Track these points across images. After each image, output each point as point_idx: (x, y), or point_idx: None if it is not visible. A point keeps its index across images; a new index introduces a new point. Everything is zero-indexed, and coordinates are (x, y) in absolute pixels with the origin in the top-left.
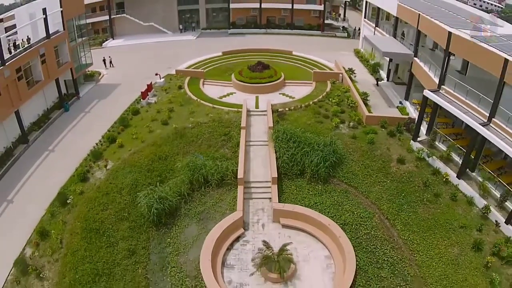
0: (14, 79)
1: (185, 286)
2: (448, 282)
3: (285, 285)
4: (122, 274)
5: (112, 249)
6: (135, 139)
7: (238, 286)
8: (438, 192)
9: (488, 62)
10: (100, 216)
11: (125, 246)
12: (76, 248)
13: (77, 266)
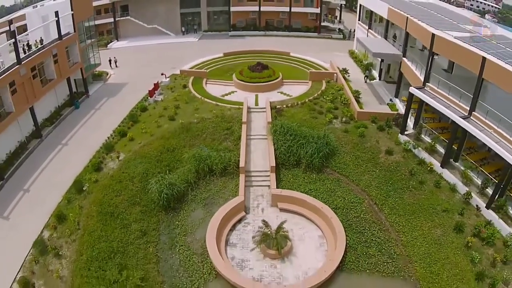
0: (29, 77)
1: (192, 262)
2: (431, 260)
3: (282, 261)
4: (135, 252)
5: (126, 230)
6: (144, 133)
7: (240, 261)
8: (423, 180)
9: (468, 60)
10: (114, 201)
11: (137, 228)
12: (93, 229)
13: (94, 245)
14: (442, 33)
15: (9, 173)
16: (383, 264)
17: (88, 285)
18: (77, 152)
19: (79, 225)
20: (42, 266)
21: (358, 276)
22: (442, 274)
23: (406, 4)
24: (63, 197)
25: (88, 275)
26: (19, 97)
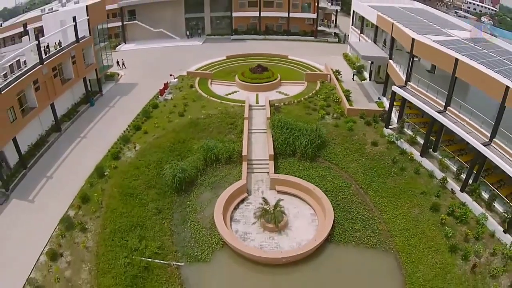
0: (51, 76)
1: (202, 234)
2: (409, 235)
3: (279, 234)
4: (152, 226)
5: (144, 208)
6: (157, 127)
7: (243, 234)
8: (404, 167)
9: (443, 61)
10: (132, 184)
11: (153, 206)
12: (115, 207)
13: (116, 220)
14: (422, 37)
15: (32, 163)
16: (367, 237)
17: (112, 253)
18: (96, 144)
19: (102, 204)
20: (69, 239)
21: (345, 247)
22: (419, 246)
23: (395, 10)
24: (86, 181)
25: (112, 244)
26: (41, 94)
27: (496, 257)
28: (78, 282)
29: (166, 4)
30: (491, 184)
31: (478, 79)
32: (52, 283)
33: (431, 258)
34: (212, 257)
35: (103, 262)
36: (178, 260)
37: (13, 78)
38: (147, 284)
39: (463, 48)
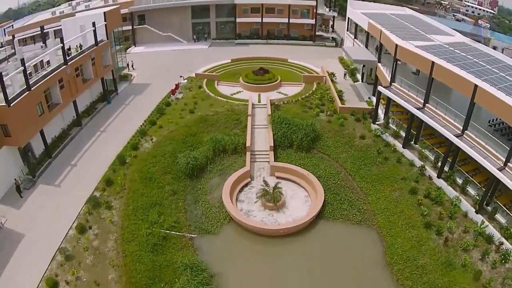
0: (73, 76)
1: (212, 211)
2: (389, 213)
3: (277, 211)
4: (169, 204)
5: (161, 190)
6: (170, 123)
7: (246, 212)
8: (387, 157)
9: (421, 64)
10: (151, 170)
11: (169, 189)
12: (136, 189)
13: (137, 199)
14: (405, 43)
15: (56, 153)
16: (353, 215)
17: (135, 225)
18: (115, 137)
19: (125, 186)
20: (95, 216)
21: (334, 223)
22: (398, 223)
23: (386, 17)
24: (109, 168)
25: (135, 218)
26: (65, 92)
27: (468, 234)
28: (105, 250)
29: (174, 10)
30: (467, 172)
31: (452, 79)
32: (81, 252)
33: (408, 233)
34: (220, 230)
35: (127, 233)
36: (191, 232)
37: (41, 77)
38: (166, 250)
39: (442, 52)
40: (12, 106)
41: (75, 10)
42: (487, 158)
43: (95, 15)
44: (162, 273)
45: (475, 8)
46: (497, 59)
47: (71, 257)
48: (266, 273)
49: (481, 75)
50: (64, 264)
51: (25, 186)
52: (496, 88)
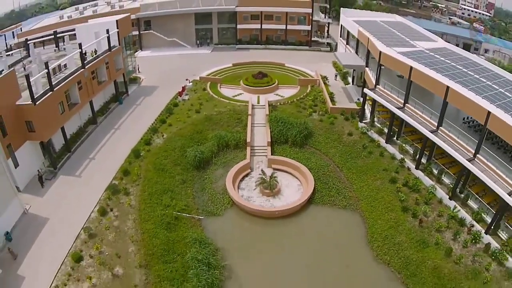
0: (90, 78)
1: (216, 197)
2: (371, 199)
3: (273, 198)
4: (179, 191)
5: (172, 179)
6: (179, 121)
7: (247, 197)
8: (371, 151)
9: (402, 69)
10: (163, 162)
11: (180, 178)
12: (150, 178)
13: (152, 186)
14: (388, 49)
15: (74, 148)
16: (339, 201)
17: (151, 208)
18: (128, 134)
19: (140, 175)
20: (115, 200)
21: (322, 207)
22: (378, 207)
23: (375, 24)
24: (125, 160)
25: (150, 202)
26: (83, 93)
27: (442, 218)
28: (125, 228)
29: (178, 16)
30: (444, 165)
31: (427, 81)
32: (103, 230)
33: (387, 216)
34: (224, 212)
35: (144, 214)
36: (199, 214)
37: (62, 78)
38: (178, 228)
39: (422, 57)
40: (37, 104)
41: (83, 15)
42: (458, 150)
43: (108, 22)
44: (175, 246)
45: (471, 11)
46: (475, 62)
47: (94, 235)
48: (263, 248)
49: (455, 77)
50: (87, 241)
51: (47, 177)
52: (468, 89)
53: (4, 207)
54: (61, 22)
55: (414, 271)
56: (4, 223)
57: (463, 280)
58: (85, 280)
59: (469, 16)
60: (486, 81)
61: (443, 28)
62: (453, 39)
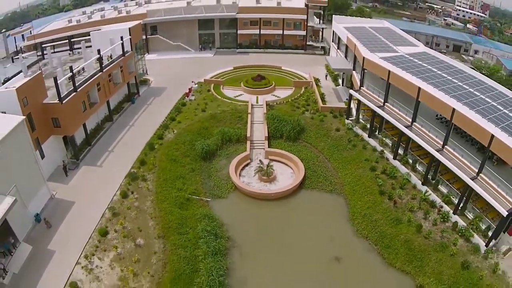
0: (107, 80)
1: (221, 183)
2: (354, 185)
3: (269, 183)
4: (189, 178)
5: (183, 168)
6: (187, 119)
7: (247, 183)
8: (356, 144)
9: (382, 72)
10: (174, 154)
11: (189, 167)
12: (164, 166)
13: (166, 173)
14: (372, 55)
15: (94, 142)
16: (326, 186)
17: (166, 191)
18: (142, 130)
19: (155, 165)
20: (134, 185)
21: (311, 191)
22: (359, 191)
23: (364, 30)
24: (141, 152)
25: (165, 186)
26: (101, 93)
27: (415, 200)
28: (144, 207)
29: (183, 22)
30: (419, 156)
31: (402, 83)
32: (125, 210)
33: (366, 198)
34: (228, 195)
35: (160, 196)
36: (207, 197)
37: (83, 80)
38: (189, 207)
39: (401, 62)
40: (64, 103)
41: (92, 20)
42: (429, 142)
43: (121, 30)
44: (187, 221)
45: (466, 12)
46: (450, 65)
47: (118, 213)
48: (260, 224)
49: (429, 79)
50: (112, 219)
51: (70, 167)
52: (438, 89)
53: (35, 192)
54: (70, 26)
55: (388, 244)
56: (35, 206)
57: (432, 252)
58: (111, 249)
59: (464, 17)
60: (457, 82)
61: (434, 31)
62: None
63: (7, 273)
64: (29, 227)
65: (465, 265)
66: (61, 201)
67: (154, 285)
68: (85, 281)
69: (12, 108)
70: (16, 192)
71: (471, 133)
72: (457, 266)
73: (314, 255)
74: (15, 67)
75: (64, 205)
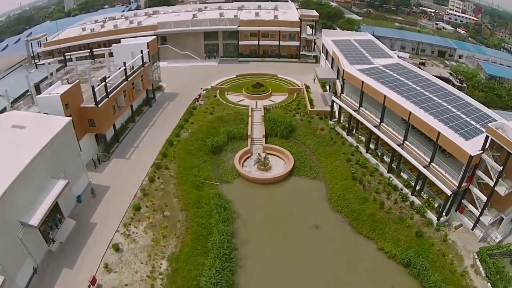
0: (131, 87)
1: (228, 171)
2: (332, 172)
3: (266, 171)
4: (202, 167)
5: (197, 159)
6: (198, 120)
7: (248, 171)
8: (336, 141)
9: (357, 83)
10: (189, 148)
11: (202, 159)
12: (182, 158)
13: (184, 164)
14: (351, 67)
15: (121, 139)
16: (311, 174)
17: (185, 177)
18: (161, 129)
19: (175, 157)
20: (159, 173)
21: (299, 177)
22: (336, 177)
23: (348, 43)
24: (162, 147)
25: (184, 173)
26: (126, 98)
27: (381, 184)
28: (168, 189)
29: (190, 33)
30: (386, 150)
31: (373, 91)
32: (153, 191)
33: (341, 183)
34: (233, 180)
35: (181, 180)
36: (216, 182)
37: (113, 88)
38: (203, 189)
39: (374, 73)
40: (99, 107)
41: (105, 29)
42: (392, 139)
43: (140, 44)
44: (203, 198)
45: (458, 16)
46: (418, 74)
47: (147, 194)
48: (258, 201)
49: (395, 87)
50: (143, 198)
51: (103, 159)
52: (401, 96)
53: (77, 178)
54: (85, 35)
55: (357, 216)
56: (77, 190)
57: (391, 224)
58: (144, 220)
59: (456, 21)
60: (420, 89)
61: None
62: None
63: (54, 242)
64: (72, 206)
65: (419, 234)
66: (98, 186)
67: (179, 243)
68: (124, 243)
69: (56, 111)
70: (64, 177)
71: (424, 131)
72: (412, 234)
73: (299, 224)
74: (40, 73)
75: (101, 189)
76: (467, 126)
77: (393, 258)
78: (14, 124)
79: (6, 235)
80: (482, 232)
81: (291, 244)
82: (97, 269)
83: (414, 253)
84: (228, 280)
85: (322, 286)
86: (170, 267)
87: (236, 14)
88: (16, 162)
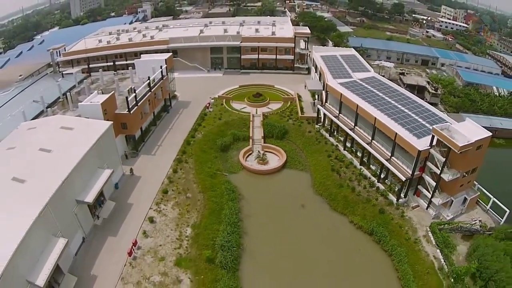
0: (154, 97)
1: (234, 164)
2: (316, 166)
3: (264, 165)
4: (214, 161)
5: (210, 155)
6: (209, 124)
7: (250, 164)
8: (320, 141)
9: (337, 94)
10: (203, 147)
11: (213, 155)
12: (198, 155)
13: (199, 159)
14: (333, 81)
15: (146, 139)
16: (300, 166)
17: (201, 169)
18: (179, 131)
19: (192, 153)
20: (180, 165)
21: (291, 169)
22: (319, 169)
23: (334, 58)
24: (182, 145)
25: (200, 166)
26: (150, 106)
27: (354, 174)
28: (189, 177)
29: (198, 48)
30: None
31: (348, 101)
32: (177, 179)
33: (323, 173)
34: (238, 171)
35: (198, 171)
36: (226, 172)
37: (140, 98)
38: (216, 178)
39: (353, 86)
40: (131, 113)
41: (120, 41)
42: (363, 138)
43: (159, 60)
44: (216, 184)
45: (449, 23)
46: (389, 86)
47: (173, 181)
48: (258, 187)
49: (367, 98)
50: (169, 184)
51: (132, 155)
52: (371, 105)
53: (116, 168)
54: (102, 47)
55: (334, 198)
56: (115, 178)
57: (360, 203)
58: (172, 200)
59: (446, 28)
60: (388, 99)
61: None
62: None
63: (99, 218)
64: (111, 191)
65: (381, 211)
66: (131, 176)
67: (199, 216)
68: (157, 217)
69: (96, 116)
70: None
71: (385, 133)
72: (376, 211)
73: (289, 203)
74: (67, 82)
75: (134, 178)
76: (421, 128)
77: (360, 229)
78: (62, 126)
79: (66, 210)
80: (434, 211)
81: (283, 218)
82: (137, 235)
83: (377, 224)
84: (236, 241)
85: (307, 247)
86: (193, 232)
87: (239, 31)
88: (73, 155)
